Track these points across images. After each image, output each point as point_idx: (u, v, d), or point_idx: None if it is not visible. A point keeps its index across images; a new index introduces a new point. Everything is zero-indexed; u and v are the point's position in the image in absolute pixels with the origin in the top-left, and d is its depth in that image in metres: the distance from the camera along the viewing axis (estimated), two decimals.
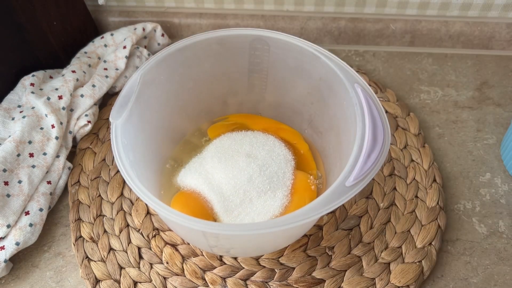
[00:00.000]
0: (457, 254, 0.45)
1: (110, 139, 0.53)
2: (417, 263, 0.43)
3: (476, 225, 0.47)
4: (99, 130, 0.55)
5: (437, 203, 0.47)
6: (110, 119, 0.37)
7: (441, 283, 0.43)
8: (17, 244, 0.43)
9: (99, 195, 0.49)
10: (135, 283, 0.43)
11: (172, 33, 0.67)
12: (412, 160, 0.51)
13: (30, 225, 0.44)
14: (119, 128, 0.37)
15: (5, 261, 0.43)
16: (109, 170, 0.51)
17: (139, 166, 0.39)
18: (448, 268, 0.44)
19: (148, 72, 0.41)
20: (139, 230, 0.46)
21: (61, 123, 0.50)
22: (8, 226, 0.43)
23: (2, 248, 0.43)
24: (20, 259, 0.46)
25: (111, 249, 0.45)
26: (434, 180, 0.49)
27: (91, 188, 0.50)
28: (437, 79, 0.61)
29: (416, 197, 0.48)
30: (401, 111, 0.56)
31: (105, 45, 0.61)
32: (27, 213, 0.45)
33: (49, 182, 0.48)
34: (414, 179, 0.49)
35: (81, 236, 0.46)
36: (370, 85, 0.58)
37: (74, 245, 0.45)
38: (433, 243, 0.44)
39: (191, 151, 0.49)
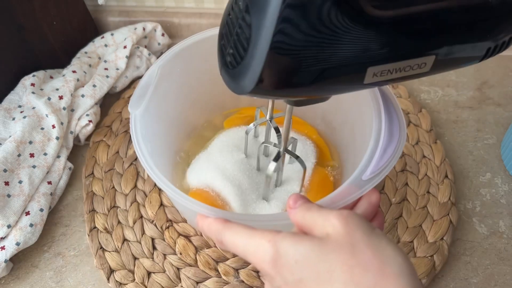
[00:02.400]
0: (457, 254, 0.45)
1: (123, 132, 0.53)
2: (429, 258, 0.43)
3: (476, 225, 0.47)
4: (113, 123, 0.56)
5: (449, 198, 0.47)
6: (129, 109, 0.38)
7: (441, 283, 0.43)
8: (18, 244, 0.43)
9: (113, 187, 0.50)
10: (149, 273, 0.43)
11: (172, 33, 0.67)
12: (424, 156, 0.51)
13: (31, 225, 0.44)
14: (138, 119, 0.37)
15: (6, 261, 0.43)
16: (123, 162, 0.52)
17: (156, 157, 0.39)
18: (448, 268, 0.44)
19: (165, 65, 0.41)
20: (153, 221, 0.47)
21: (61, 123, 0.50)
22: (9, 226, 0.43)
23: (3, 248, 0.43)
24: (20, 259, 0.46)
25: (125, 239, 0.46)
26: (446, 176, 0.49)
27: (105, 180, 0.50)
28: (437, 79, 0.61)
29: (428, 192, 0.48)
30: (413, 108, 0.56)
31: (106, 45, 0.61)
32: (27, 213, 0.45)
33: (49, 182, 0.48)
34: (426, 174, 0.50)
35: (95, 227, 0.47)
36: None
37: (88, 235, 0.46)
38: (444, 237, 0.45)
39: (204, 143, 0.50)
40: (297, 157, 0.40)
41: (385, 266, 0.22)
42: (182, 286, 0.42)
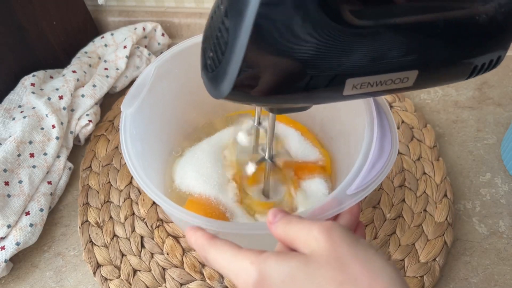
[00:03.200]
0: (457, 254, 0.45)
1: None
2: (419, 278, 0.42)
3: (476, 225, 0.47)
4: (115, 118, 0.56)
5: (446, 218, 0.46)
6: (122, 108, 0.38)
7: (441, 283, 0.43)
8: (18, 244, 0.43)
9: (109, 182, 0.50)
10: (135, 271, 0.44)
11: (172, 33, 0.67)
12: (425, 173, 0.50)
13: (31, 225, 0.44)
14: (128, 118, 0.37)
15: (6, 261, 0.43)
16: (121, 158, 0.52)
17: (147, 157, 0.39)
18: (448, 268, 0.44)
19: (163, 65, 0.41)
20: (144, 219, 0.47)
21: (61, 123, 0.50)
22: (9, 226, 0.43)
23: (3, 248, 0.43)
24: (20, 259, 0.46)
25: (114, 235, 0.46)
26: (445, 195, 0.48)
27: (101, 174, 0.50)
28: None
29: (425, 210, 0.47)
30: (418, 122, 0.54)
31: (106, 45, 0.61)
32: (27, 213, 0.45)
33: (49, 182, 0.48)
34: (425, 192, 0.48)
35: (87, 220, 0.47)
36: None
37: (79, 228, 0.46)
38: (437, 259, 0.43)
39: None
40: (287, 152, 0.39)
41: (375, 279, 0.21)
42: (165, 287, 0.42)
